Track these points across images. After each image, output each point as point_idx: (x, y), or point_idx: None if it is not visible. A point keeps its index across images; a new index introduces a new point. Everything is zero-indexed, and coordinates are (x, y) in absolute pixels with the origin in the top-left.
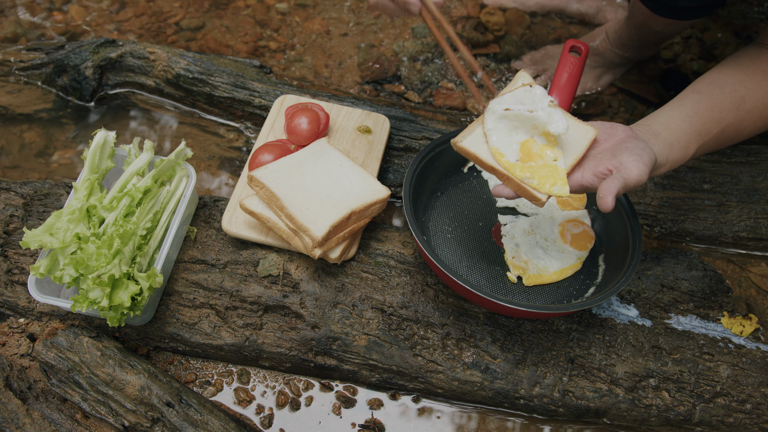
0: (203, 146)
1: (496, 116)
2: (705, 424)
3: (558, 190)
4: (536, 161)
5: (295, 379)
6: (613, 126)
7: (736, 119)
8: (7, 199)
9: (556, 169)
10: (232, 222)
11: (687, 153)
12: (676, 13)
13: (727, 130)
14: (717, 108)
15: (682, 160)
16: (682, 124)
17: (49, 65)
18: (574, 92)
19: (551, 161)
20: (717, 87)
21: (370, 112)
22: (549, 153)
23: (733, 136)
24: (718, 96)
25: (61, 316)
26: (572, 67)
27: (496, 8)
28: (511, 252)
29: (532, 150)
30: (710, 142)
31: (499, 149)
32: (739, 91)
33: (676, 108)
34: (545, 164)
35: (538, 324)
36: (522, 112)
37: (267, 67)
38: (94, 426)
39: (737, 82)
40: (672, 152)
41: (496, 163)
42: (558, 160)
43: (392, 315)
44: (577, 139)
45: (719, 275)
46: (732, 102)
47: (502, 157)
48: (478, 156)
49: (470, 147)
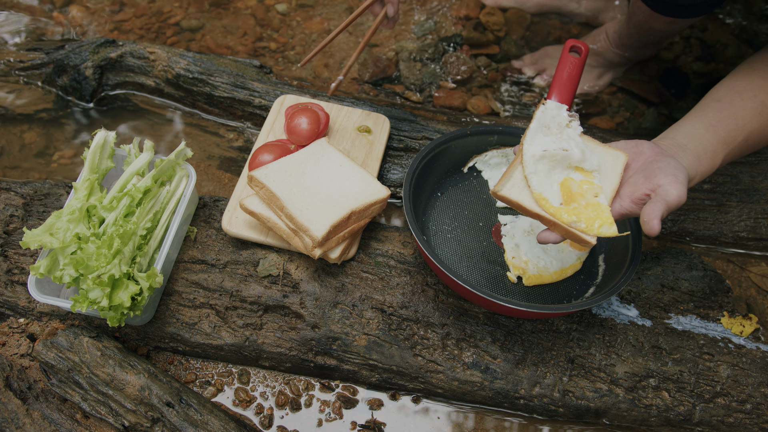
0: (203, 146)
1: (535, 158)
2: (705, 424)
3: (606, 230)
4: (579, 201)
5: (295, 379)
6: (639, 144)
7: (760, 125)
8: (7, 199)
9: (599, 206)
10: (232, 222)
11: (714, 163)
12: (676, 11)
13: (751, 137)
14: (739, 115)
15: (710, 170)
16: (707, 134)
17: (49, 65)
18: (575, 92)
19: (593, 199)
20: (737, 94)
21: (370, 112)
22: (588, 188)
23: (758, 141)
24: (738, 103)
25: (61, 316)
26: (572, 67)
27: (496, 8)
28: (511, 252)
29: (572, 189)
30: (736, 149)
31: (541, 193)
32: (759, 96)
33: (699, 118)
34: (588, 203)
35: (538, 324)
36: (557, 152)
37: (267, 67)
38: (94, 426)
39: (756, 87)
40: (700, 164)
41: (541, 211)
42: (599, 195)
43: (392, 315)
44: (610, 167)
45: (719, 275)
46: (754, 108)
47: (547, 202)
48: (522, 204)
49: (512, 195)
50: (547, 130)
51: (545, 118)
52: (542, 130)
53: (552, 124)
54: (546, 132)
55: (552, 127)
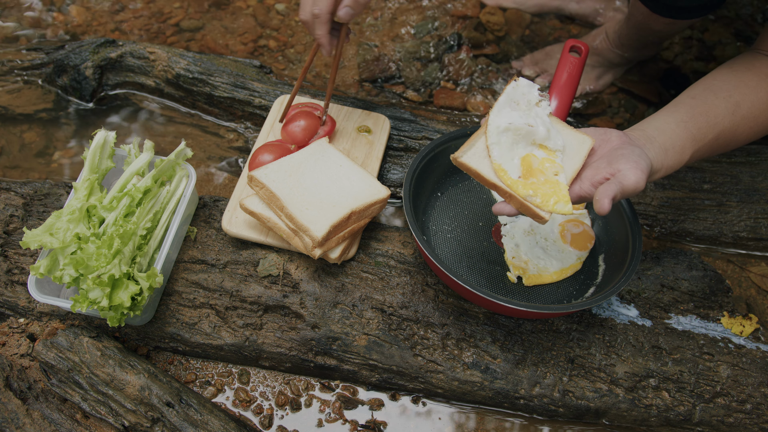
0: (203, 146)
1: (499, 130)
2: (705, 424)
3: (561, 207)
4: (538, 177)
5: (295, 379)
6: (607, 132)
7: (732, 124)
8: (7, 199)
9: (558, 184)
10: (232, 222)
11: (682, 158)
12: (675, 12)
13: (722, 136)
14: (712, 113)
15: (677, 165)
16: (677, 129)
17: (49, 65)
18: (574, 92)
19: (552, 176)
20: (712, 93)
21: (370, 112)
22: (549, 166)
23: (729, 141)
24: (713, 101)
25: (61, 316)
26: (572, 67)
27: (496, 8)
28: (511, 252)
29: (533, 165)
30: (705, 147)
31: (501, 165)
32: (734, 96)
33: (671, 113)
34: (547, 180)
35: (538, 324)
36: (522, 126)
37: (267, 67)
38: (94, 426)
39: (732, 87)
40: (667, 157)
41: (498, 180)
42: (559, 174)
43: (392, 315)
44: (575, 150)
45: (719, 275)
46: (727, 107)
47: (505, 174)
48: (479, 173)
49: (472, 163)
50: (516, 105)
51: (515, 94)
52: (510, 105)
53: (521, 100)
54: (514, 107)
55: (521, 103)
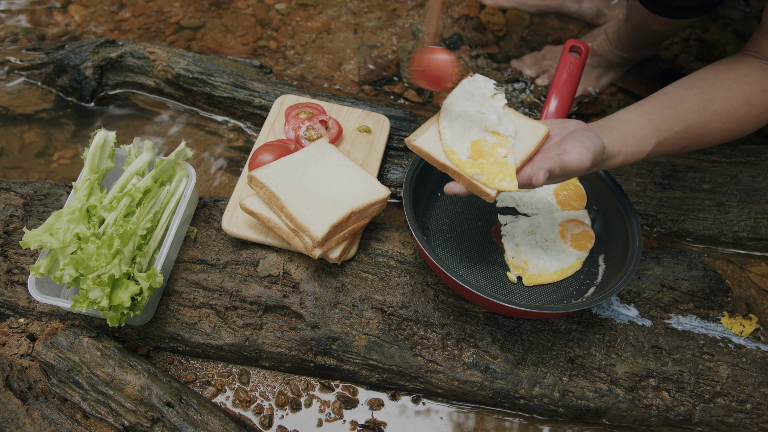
0: (203, 146)
1: (451, 116)
2: (705, 424)
3: (507, 184)
4: (486, 158)
5: (295, 379)
6: (566, 121)
7: (702, 119)
8: (7, 199)
9: (506, 164)
10: (232, 222)
11: (644, 147)
12: (673, 12)
13: (691, 129)
14: (680, 107)
15: (639, 153)
16: (640, 120)
17: (49, 65)
18: (574, 92)
19: (501, 158)
20: (684, 89)
21: (370, 112)
22: (500, 150)
23: (701, 136)
24: (683, 96)
25: (61, 316)
26: (572, 67)
27: (496, 9)
28: (511, 252)
29: (482, 148)
30: (672, 138)
31: (451, 147)
32: (706, 92)
33: (637, 107)
34: (495, 161)
35: (538, 324)
36: (473, 113)
37: (267, 67)
38: (94, 426)
39: (706, 84)
40: (626, 144)
41: (447, 161)
42: (508, 156)
43: (392, 315)
44: (528, 136)
45: (719, 275)
46: (698, 102)
47: (454, 155)
48: (430, 154)
49: (423, 145)
50: (470, 97)
51: (470, 87)
52: (464, 96)
53: (476, 93)
54: (468, 98)
55: (476, 95)
